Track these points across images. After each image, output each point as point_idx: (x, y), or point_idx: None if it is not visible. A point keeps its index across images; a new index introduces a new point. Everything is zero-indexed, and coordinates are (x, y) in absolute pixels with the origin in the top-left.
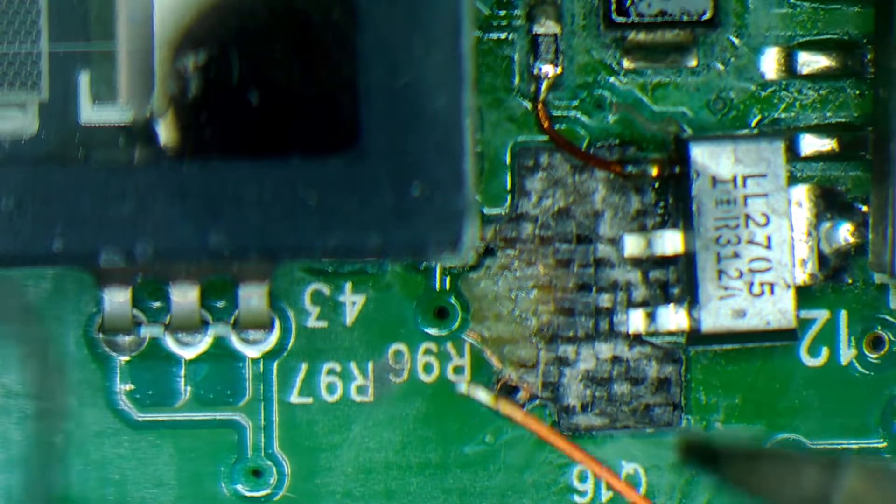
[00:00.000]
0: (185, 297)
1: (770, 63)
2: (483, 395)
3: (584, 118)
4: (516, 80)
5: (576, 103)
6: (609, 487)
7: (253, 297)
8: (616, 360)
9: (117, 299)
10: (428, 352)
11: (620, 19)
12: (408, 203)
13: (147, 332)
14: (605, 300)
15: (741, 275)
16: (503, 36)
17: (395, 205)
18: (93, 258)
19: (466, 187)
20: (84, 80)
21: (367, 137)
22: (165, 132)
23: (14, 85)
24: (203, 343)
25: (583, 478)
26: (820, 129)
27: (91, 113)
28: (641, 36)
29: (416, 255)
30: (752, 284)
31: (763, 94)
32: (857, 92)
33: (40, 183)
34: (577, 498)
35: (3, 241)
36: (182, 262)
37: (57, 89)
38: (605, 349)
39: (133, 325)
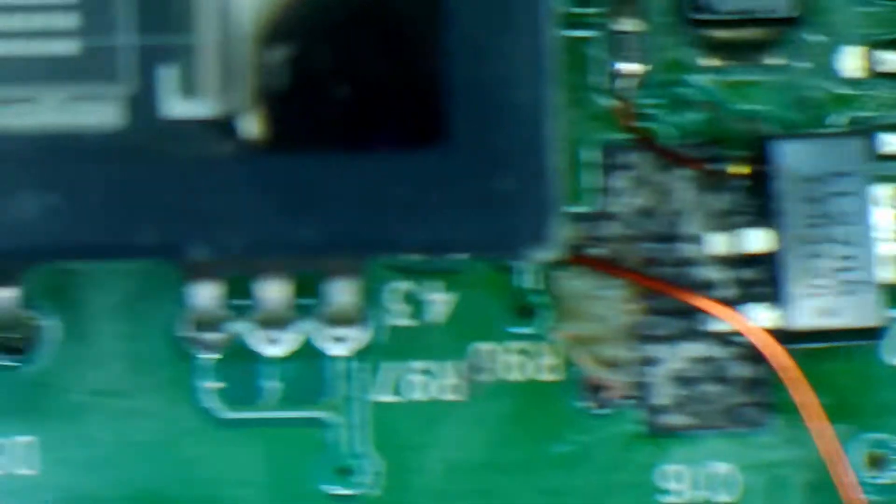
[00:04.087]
0: (273, 292)
1: (852, 61)
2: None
3: (668, 116)
4: (600, 78)
5: (659, 101)
6: (700, 488)
7: (343, 292)
8: (705, 359)
9: (205, 294)
10: (516, 351)
11: (703, 17)
12: (495, 197)
13: (235, 328)
14: None
15: (826, 273)
16: (586, 34)
17: (482, 199)
18: (180, 251)
19: (554, 181)
20: (169, 73)
21: (454, 131)
22: (251, 125)
23: (98, 78)
24: (291, 341)
25: (676, 478)
26: None
27: (176, 106)
28: (724, 34)
29: (504, 250)
30: (837, 283)
31: (846, 92)
32: None
33: (126, 176)
34: (667, 499)
35: (90, 235)
36: (271, 255)
37: (141, 82)
38: (694, 349)
39: (221, 320)
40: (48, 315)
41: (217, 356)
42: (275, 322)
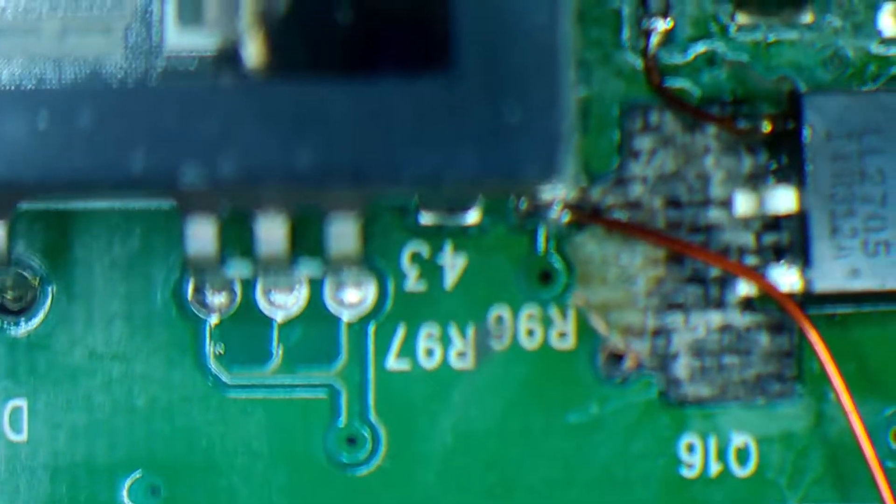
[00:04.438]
0: (272, 231)
1: (888, 20)
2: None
3: (696, 74)
4: (625, 35)
5: (687, 59)
6: (719, 459)
7: (344, 234)
8: (726, 328)
9: (202, 234)
10: (531, 317)
11: None
12: (503, 125)
13: (235, 272)
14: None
15: (856, 233)
16: None
17: (489, 127)
18: (175, 180)
19: (565, 110)
20: (170, 1)
21: (460, 56)
22: (253, 51)
23: (97, 7)
24: (297, 304)
25: (691, 449)
26: None
27: (177, 36)
28: None
29: (511, 181)
30: (867, 243)
31: (880, 51)
32: None
33: (124, 107)
34: (684, 471)
35: (85, 167)
36: (268, 184)
37: (141, 12)
38: (716, 318)
39: (219, 261)
40: (43, 273)
41: (220, 319)
42: (275, 261)
